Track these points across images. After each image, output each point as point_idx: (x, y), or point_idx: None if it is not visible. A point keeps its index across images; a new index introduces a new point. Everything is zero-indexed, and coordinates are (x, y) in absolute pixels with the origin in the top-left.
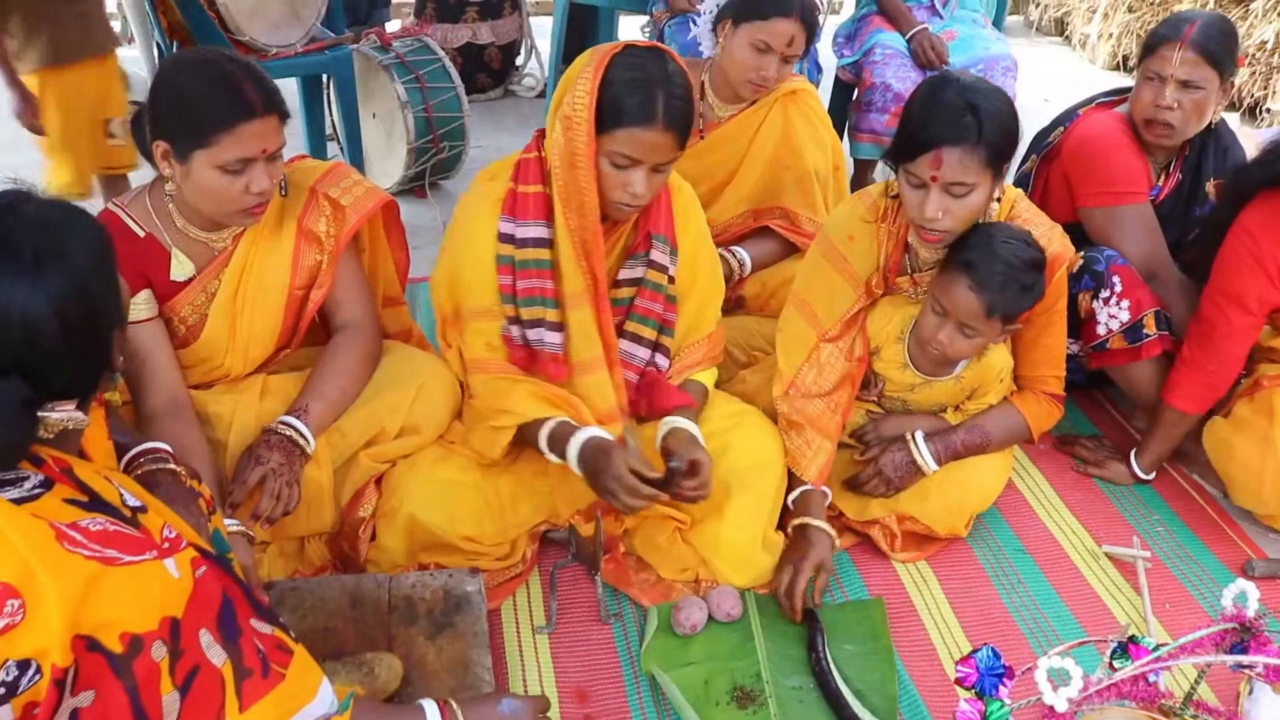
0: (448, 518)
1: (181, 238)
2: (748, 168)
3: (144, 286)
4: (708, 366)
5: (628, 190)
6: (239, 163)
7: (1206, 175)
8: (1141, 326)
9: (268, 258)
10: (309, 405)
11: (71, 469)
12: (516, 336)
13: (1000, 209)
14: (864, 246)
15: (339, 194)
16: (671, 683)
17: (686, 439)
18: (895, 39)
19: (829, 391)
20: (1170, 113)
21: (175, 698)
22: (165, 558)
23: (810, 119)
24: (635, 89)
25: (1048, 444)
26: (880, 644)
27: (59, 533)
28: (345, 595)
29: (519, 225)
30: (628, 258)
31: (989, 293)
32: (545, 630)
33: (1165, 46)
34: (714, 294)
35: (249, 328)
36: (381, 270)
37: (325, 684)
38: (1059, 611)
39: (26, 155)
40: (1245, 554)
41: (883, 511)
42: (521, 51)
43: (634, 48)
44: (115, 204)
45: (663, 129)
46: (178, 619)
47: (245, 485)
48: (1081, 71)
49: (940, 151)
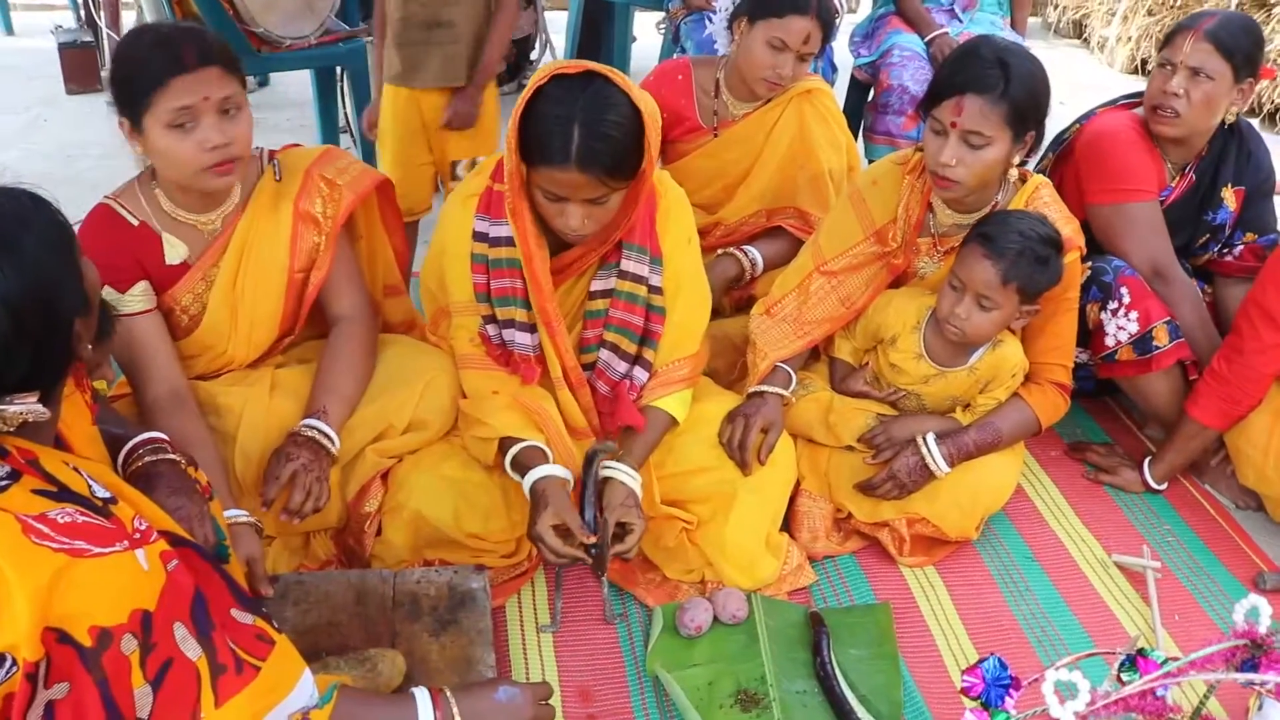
0: (453, 514)
1: (170, 222)
2: (761, 167)
3: (141, 278)
4: (686, 387)
5: (564, 221)
6: (181, 113)
7: (1224, 180)
8: (1151, 338)
9: (266, 241)
10: (327, 405)
11: (38, 460)
12: (493, 335)
13: (1023, 193)
14: (885, 192)
15: (334, 174)
16: (675, 684)
17: (619, 501)
18: (914, 41)
19: (806, 324)
20: (1175, 99)
21: (147, 691)
22: (136, 548)
23: (825, 118)
24: (552, 127)
25: (1059, 451)
26: (886, 649)
27: (25, 525)
28: (350, 590)
29: (492, 224)
30: (600, 268)
31: (1004, 260)
32: (550, 629)
33: (1181, 34)
34: (698, 308)
35: (251, 313)
36: (380, 257)
37: (306, 675)
38: (1067, 620)
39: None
40: (1256, 566)
41: (893, 513)
42: (536, 46)
43: (564, 77)
44: (109, 197)
45: (578, 170)
46: (150, 612)
47: (279, 481)
48: (1099, 75)
49: (964, 98)
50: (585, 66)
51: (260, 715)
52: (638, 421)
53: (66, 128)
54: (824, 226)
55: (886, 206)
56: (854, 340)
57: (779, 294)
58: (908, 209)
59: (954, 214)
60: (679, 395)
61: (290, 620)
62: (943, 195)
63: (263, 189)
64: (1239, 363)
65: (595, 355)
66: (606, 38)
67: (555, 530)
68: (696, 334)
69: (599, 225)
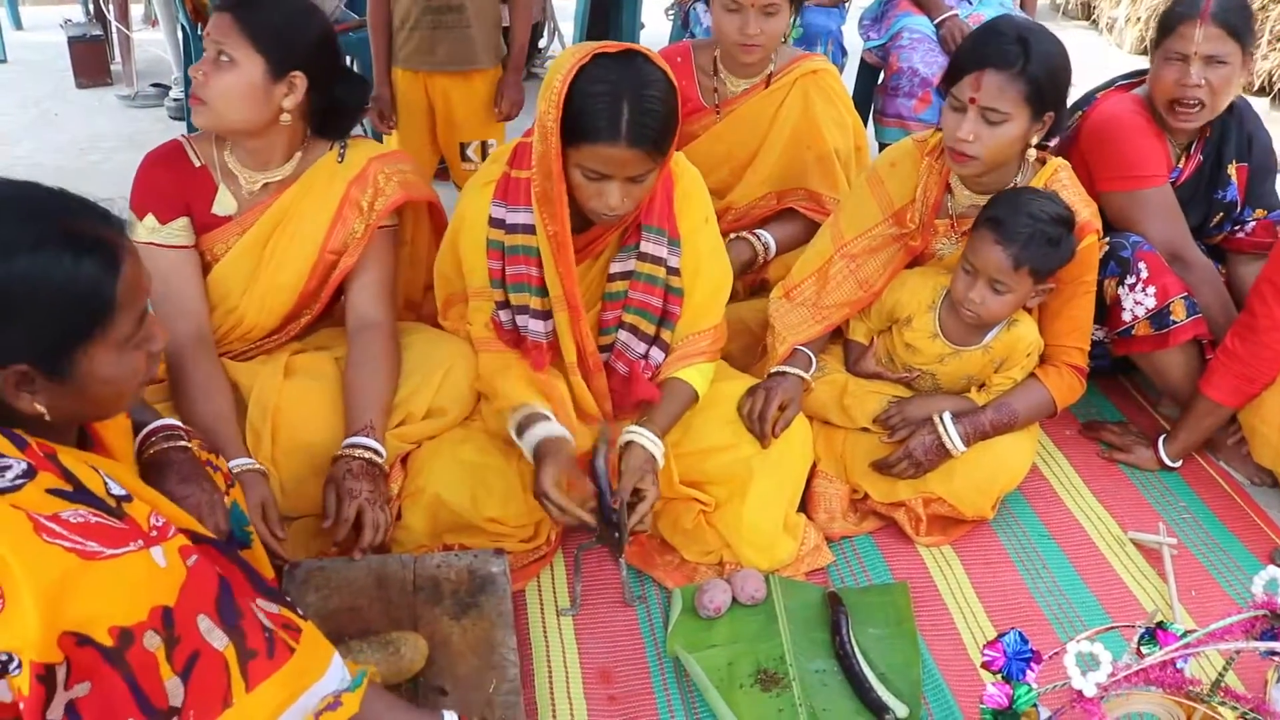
0: (472, 499)
1: (227, 174)
2: (768, 149)
3: (183, 214)
4: (708, 360)
5: (603, 201)
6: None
7: (1228, 158)
8: (1169, 313)
9: (309, 213)
10: (373, 420)
11: (56, 454)
12: (505, 321)
13: (1042, 175)
14: (904, 174)
15: (392, 172)
16: (696, 664)
17: (637, 465)
18: (923, 23)
19: (825, 309)
20: (1198, 90)
21: (178, 683)
22: (151, 546)
23: (830, 98)
24: (600, 104)
25: (1073, 430)
26: (904, 628)
27: (37, 524)
28: (370, 575)
29: (509, 210)
30: (619, 250)
31: (1014, 245)
32: (570, 612)
33: (1185, 24)
34: (719, 285)
35: (273, 276)
36: (425, 260)
37: (336, 660)
38: (1084, 597)
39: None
40: (1273, 542)
41: (910, 493)
42: (545, 34)
43: (605, 55)
44: (184, 136)
45: (627, 145)
46: (170, 607)
47: (346, 522)
48: (1108, 56)
49: (983, 74)
50: (624, 46)
51: (294, 698)
52: (653, 395)
53: (77, 121)
54: (844, 208)
55: (905, 188)
56: (869, 322)
57: (799, 277)
58: (926, 190)
59: (972, 195)
60: (699, 367)
61: (312, 606)
62: (959, 171)
63: (322, 166)
64: (1253, 340)
65: (613, 337)
66: (615, 24)
67: (559, 489)
68: (718, 308)
69: (634, 204)
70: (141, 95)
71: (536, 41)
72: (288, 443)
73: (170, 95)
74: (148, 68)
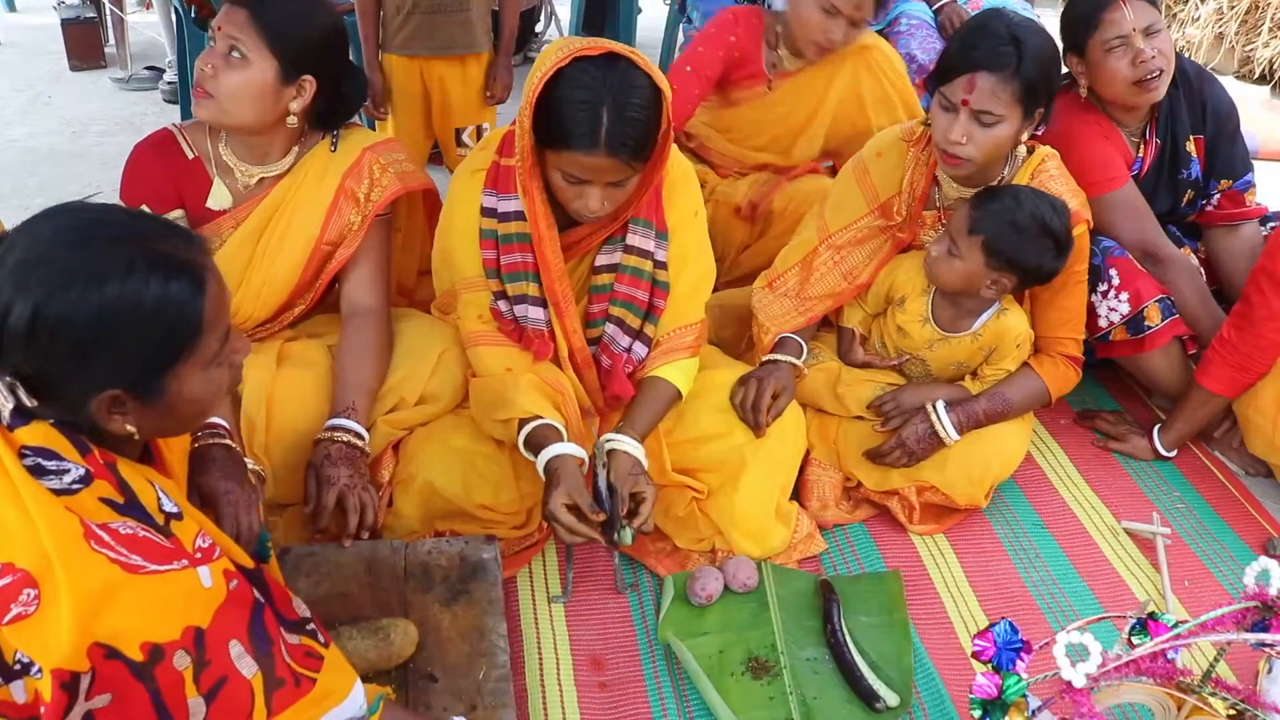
0: (464, 486)
1: (224, 168)
2: (819, 123)
3: (177, 206)
4: (689, 356)
5: (583, 204)
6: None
7: (1184, 134)
8: (1143, 318)
9: (304, 205)
10: (355, 401)
11: (115, 464)
12: (504, 311)
13: (1029, 166)
14: (890, 165)
15: (388, 162)
16: (687, 652)
17: (626, 470)
18: (922, 9)
19: (809, 300)
20: (1155, 60)
21: (200, 703)
22: (199, 566)
23: (877, 76)
24: (580, 111)
25: (1068, 419)
26: (896, 617)
27: (88, 530)
28: (361, 561)
29: (500, 199)
30: (605, 242)
31: (979, 210)
32: (561, 599)
33: (1109, 10)
34: (702, 280)
35: (268, 269)
36: (417, 247)
37: (358, 686)
38: (1076, 587)
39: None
40: (1266, 532)
41: (903, 482)
42: (541, 18)
43: (585, 59)
44: (175, 125)
45: (606, 154)
46: (202, 629)
47: (326, 509)
48: None
49: (975, 76)
50: (607, 47)
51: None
52: (626, 391)
53: (71, 104)
54: (829, 200)
55: (891, 179)
56: (866, 306)
57: (782, 268)
58: (912, 182)
59: (959, 187)
60: (681, 364)
61: (302, 591)
62: (951, 173)
63: (316, 156)
64: (1249, 330)
65: (600, 330)
66: (612, 9)
67: (568, 509)
68: (699, 303)
69: (615, 206)
70: (136, 78)
71: (533, 26)
72: (279, 430)
73: (164, 79)
74: (142, 50)
